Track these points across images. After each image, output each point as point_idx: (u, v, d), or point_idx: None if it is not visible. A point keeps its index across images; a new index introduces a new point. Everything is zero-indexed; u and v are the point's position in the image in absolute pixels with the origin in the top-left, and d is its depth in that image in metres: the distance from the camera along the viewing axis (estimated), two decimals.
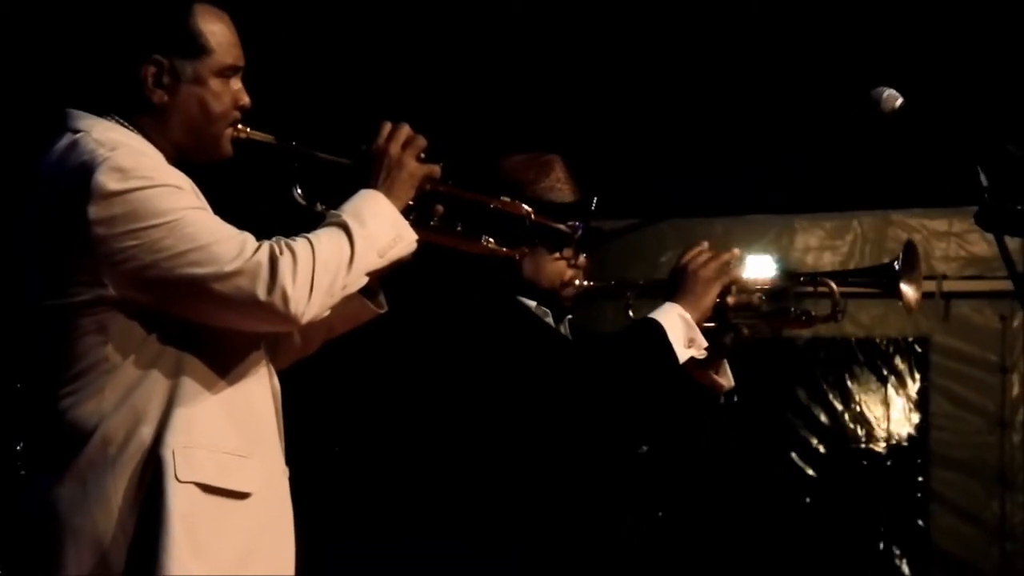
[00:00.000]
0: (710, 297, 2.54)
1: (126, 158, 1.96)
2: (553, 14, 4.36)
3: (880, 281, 2.68)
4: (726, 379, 2.68)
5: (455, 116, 4.39)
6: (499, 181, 2.57)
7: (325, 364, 2.38)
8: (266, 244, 1.98)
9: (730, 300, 2.57)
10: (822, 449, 5.50)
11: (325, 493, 4.29)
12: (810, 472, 5.47)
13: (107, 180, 1.93)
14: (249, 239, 1.98)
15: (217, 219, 2.02)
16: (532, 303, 2.61)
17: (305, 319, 1.98)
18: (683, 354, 2.50)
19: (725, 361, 2.67)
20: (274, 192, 2.18)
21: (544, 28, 4.43)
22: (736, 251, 2.62)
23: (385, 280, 2.23)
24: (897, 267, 2.61)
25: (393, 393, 4.07)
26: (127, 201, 1.93)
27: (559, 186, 2.62)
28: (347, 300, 2.12)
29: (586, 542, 2.51)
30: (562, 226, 2.43)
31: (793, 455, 5.50)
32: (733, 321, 2.59)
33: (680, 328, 2.50)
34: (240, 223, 2.03)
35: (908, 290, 2.61)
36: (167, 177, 1.99)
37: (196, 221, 1.97)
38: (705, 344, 2.52)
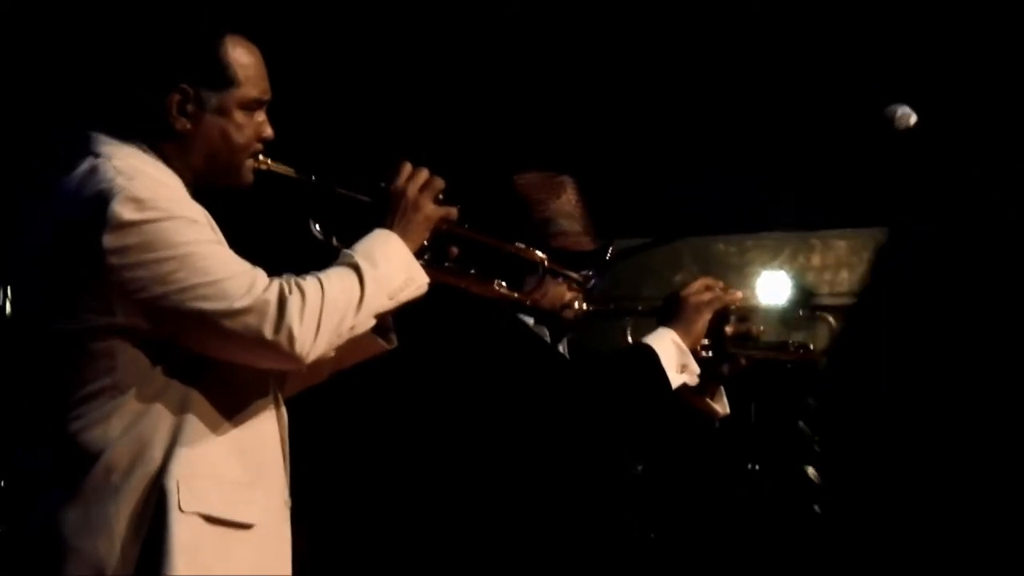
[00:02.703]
0: (702, 322, 2.59)
1: (143, 189, 1.98)
2: (568, 37, 4.39)
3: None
4: (721, 406, 2.72)
5: (466, 132, 4.42)
6: (510, 198, 2.60)
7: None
8: (276, 282, 2.00)
9: (728, 329, 2.62)
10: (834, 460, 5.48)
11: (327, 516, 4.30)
12: (821, 482, 5.45)
13: (123, 210, 1.96)
14: (260, 276, 2.00)
15: (231, 253, 2.04)
16: (530, 320, 2.64)
17: (310, 359, 2.01)
18: (676, 379, 2.54)
19: (721, 388, 2.70)
20: (292, 225, 2.20)
21: (556, 47, 4.45)
22: (739, 294, 2.65)
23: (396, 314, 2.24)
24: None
25: (389, 409, 4.09)
26: (142, 232, 1.96)
27: (569, 209, 2.66)
28: (359, 336, 2.14)
29: (585, 561, 2.52)
30: (575, 275, 2.47)
31: (805, 465, 5.48)
32: (731, 350, 2.62)
33: (673, 353, 2.55)
34: (256, 254, 2.05)
35: None
36: (183, 209, 2.01)
37: (209, 255, 1.99)
38: (698, 370, 2.57)
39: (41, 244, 2.04)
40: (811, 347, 2.70)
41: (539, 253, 2.39)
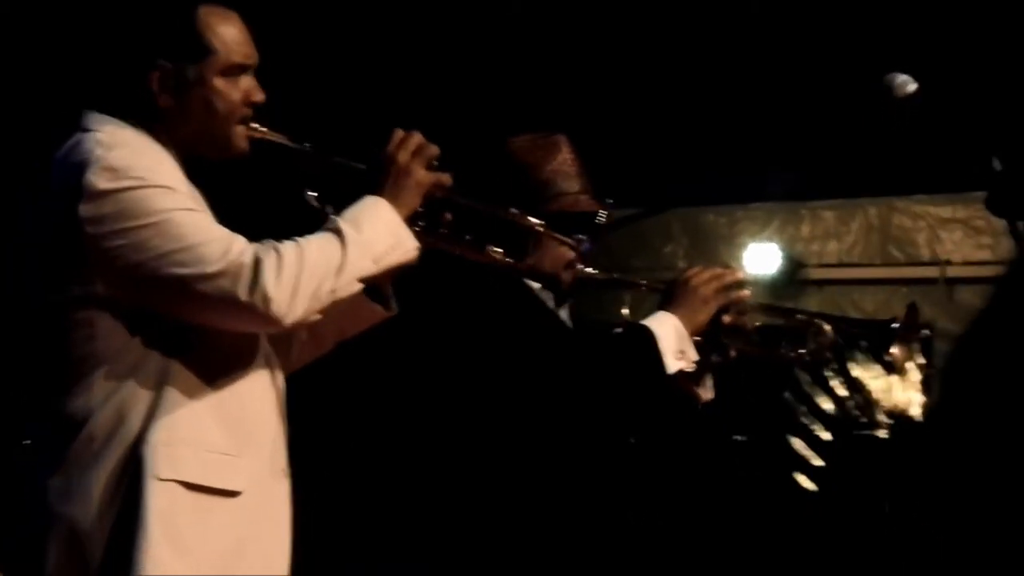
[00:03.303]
0: (706, 314, 2.58)
1: (119, 158, 1.99)
2: (559, 6, 4.36)
3: (875, 336, 2.69)
4: (706, 391, 2.71)
5: (459, 107, 4.39)
6: (507, 163, 2.59)
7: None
8: (252, 246, 2.00)
9: (725, 319, 2.60)
10: (825, 435, 5.51)
11: (330, 493, 4.29)
12: (812, 458, 5.48)
13: (98, 179, 1.97)
14: (237, 241, 2.00)
15: (209, 220, 2.04)
16: (536, 285, 2.63)
17: (288, 321, 2.00)
18: (672, 365, 2.53)
19: (709, 374, 2.69)
20: (288, 194, 2.19)
21: (550, 19, 4.42)
22: (740, 273, 2.65)
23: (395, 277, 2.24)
24: (895, 326, 2.63)
25: (389, 380, 4.08)
26: (117, 200, 1.97)
27: (566, 168, 2.65)
28: (356, 303, 2.16)
29: (584, 535, 2.52)
30: (569, 240, 2.45)
31: (794, 441, 5.51)
32: (724, 341, 2.61)
33: (672, 339, 2.54)
34: (253, 224, 2.04)
35: (898, 351, 2.63)
36: (160, 178, 2.01)
37: (185, 222, 1.99)
38: (695, 357, 2.56)
39: (31, 218, 2.06)
40: (802, 351, 2.69)
41: (534, 220, 2.38)
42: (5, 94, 4.17)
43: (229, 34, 2.11)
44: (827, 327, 2.67)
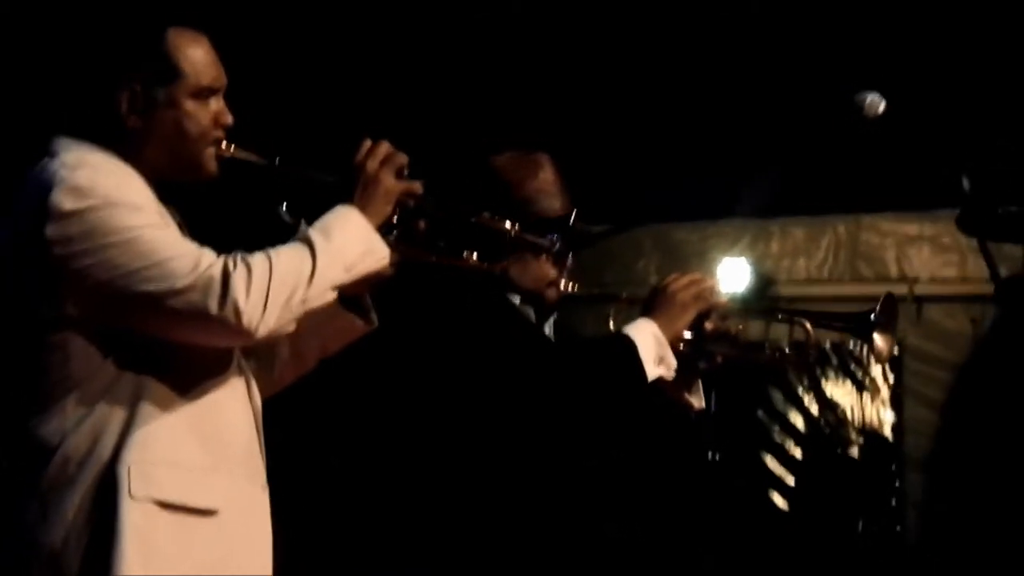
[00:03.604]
0: (685, 320, 2.61)
1: (84, 178, 1.99)
2: (534, 24, 4.37)
3: (855, 328, 2.74)
4: (698, 399, 2.75)
5: (436, 116, 4.39)
6: (489, 181, 2.60)
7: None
8: (221, 259, 1.99)
9: (708, 326, 2.64)
10: (797, 454, 5.52)
11: (313, 507, 4.26)
12: (786, 477, 5.49)
13: (63, 200, 1.96)
14: (205, 255, 2.00)
15: (176, 236, 2.04)
16: (516, 299, 2.64)
17: (261, 332, 1.99)
18: (652, 372, 2.56)
19: (699, 382, 2.72)
20: (262, 211, 2.20)
21: (523, 36, 4.44)
22: (716, 281, 2.69)
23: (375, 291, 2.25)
24: (873, 317, 2.68)
25: (371, 390, 4.07)
26: (83, 220, 1.96)
27: (547, 187, 2.66)
28: (335, 316, 2.17)
29: (564, 548, 2.52)
30: (542, 240, 2.46)
31: (768, 459, 5.52)
32: (709, 347, 2.65)
33: (652, 346, 2.56)
34: (228, 242, 2.04)
35: (881, 340, 2.68)
36: (126, 196, 2.01)
37: (152, 239, 1.98)
38: (675, 364, 2.59)
39: (2, 240, 2.05)
40: (786, 351, 2.74)
41: (506, 223, 2.37)
42: None
43: (198, 56, 2.12)
44: (808, 324, 2.72)
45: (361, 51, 4.45)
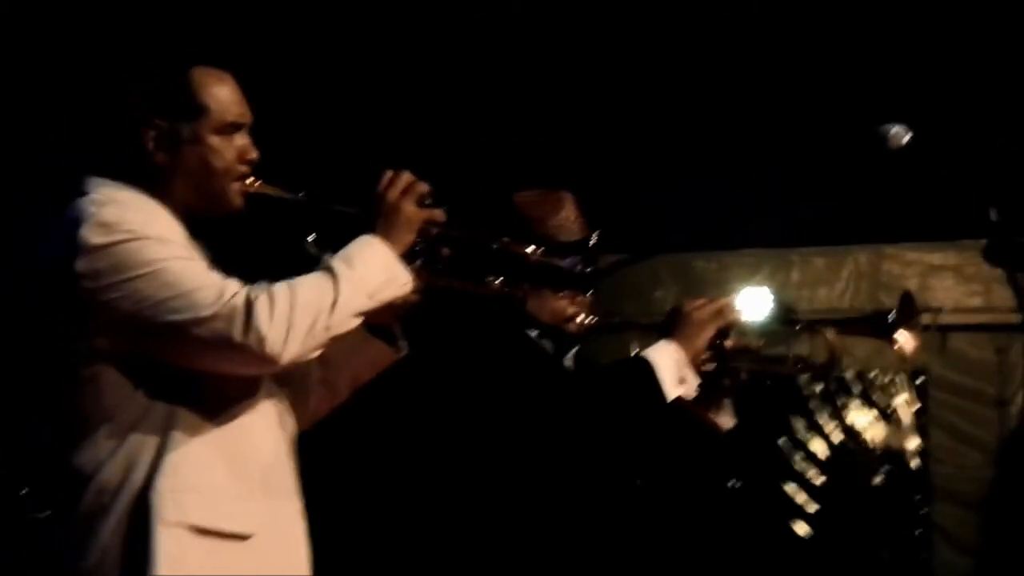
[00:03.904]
0: (704, 338, 2.63)
1: (111, 213, 2.05)
2: (533, 24, 4.37)
3: (876, 329, 2.75)
4: (726, 418, 2.74)
5: (434, 119, 4.40)
6: (512, 217, 2.63)
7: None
8: (245, 289, 2.04)
9: (728, 343, 2.65)
10: (819, 482, 5.48)
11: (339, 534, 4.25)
12: (809, 505, 5.45)
13: (92, 235, 2.02)
14: (230, 284, 2.04)
15: (202, 267, 2.09)
16: (534, 332, 2.65)
17: (284, 360, 2.03)
18: (672, 392, 2.55)
19: (727, 401, 2.73)
20: (289, 244, 2.25)
21: (523, 36, 4.43)
22: (732, 299, 2.70)
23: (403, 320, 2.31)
24: (892, 317, 2.68)
25: (395, 419, 4.07)
26: (111, 254, 2.02)
27: (568, 225, 2.69)
28: (365, 345, 2.25)
29: (586, 569, 2.52)
30: (562, 264, 2.47)
31: (789, 487, 5.48)
32: (732, 364, 2.65)
33: (671, 366, 2.58)
34: (256, 276, 2.09)
35: (903, 339, 2.69)
36: (152, 229, 2.06)
37: (178, 271, 2.03)
38: (696, 382, 2.60)
39: (30, 279, 2.11)
40: (809, 361, 2.74)
41: (526, 247, 2.39)
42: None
43: (223, 93, 2.18)
44: (830, 332, 2.74)
45: (362, 51, 4.45)
